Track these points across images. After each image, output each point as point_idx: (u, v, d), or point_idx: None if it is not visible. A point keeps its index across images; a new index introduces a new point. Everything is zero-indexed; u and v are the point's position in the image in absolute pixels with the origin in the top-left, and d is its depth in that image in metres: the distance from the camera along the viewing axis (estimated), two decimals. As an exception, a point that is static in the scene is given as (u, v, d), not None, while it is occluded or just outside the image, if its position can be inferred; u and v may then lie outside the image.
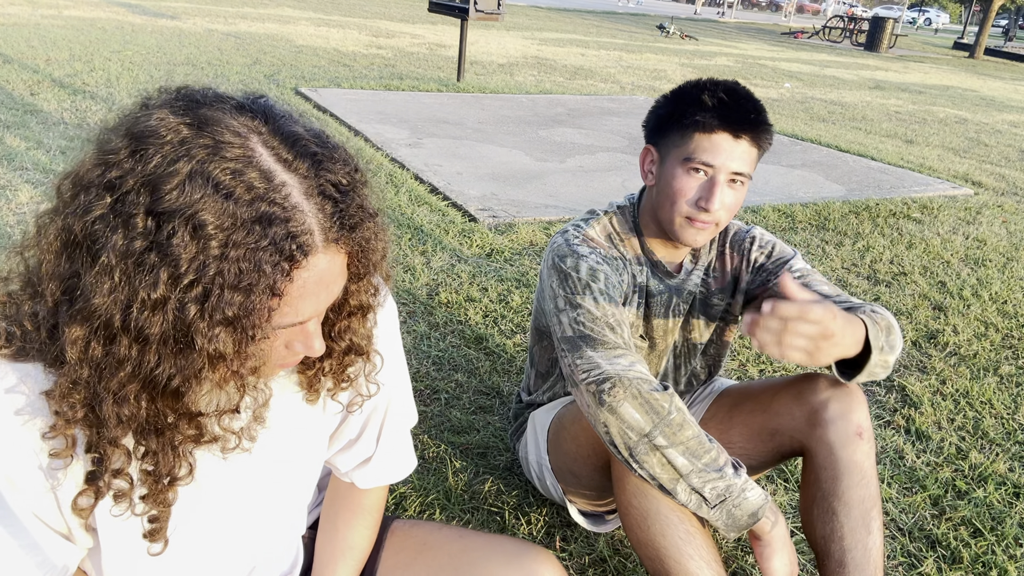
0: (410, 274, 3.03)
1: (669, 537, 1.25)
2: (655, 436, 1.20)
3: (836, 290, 1.50)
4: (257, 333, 0.68)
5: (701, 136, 1.37)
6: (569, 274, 1.39)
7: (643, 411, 1.21)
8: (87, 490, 0.76)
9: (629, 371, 1.25)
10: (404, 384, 1.07)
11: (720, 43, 18.52)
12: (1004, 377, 2.68)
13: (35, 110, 4.97)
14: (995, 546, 1.82)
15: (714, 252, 1.60)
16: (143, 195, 0.63)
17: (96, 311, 0.64)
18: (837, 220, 4.34)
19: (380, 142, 5.10)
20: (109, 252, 0.63)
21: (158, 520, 0.80)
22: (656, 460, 1.20)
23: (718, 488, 1.20)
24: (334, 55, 9.10)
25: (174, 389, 0.68)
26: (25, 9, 10.49)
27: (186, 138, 0.65)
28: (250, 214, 0.64)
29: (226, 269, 0.63)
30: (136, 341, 0.65)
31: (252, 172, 0.65)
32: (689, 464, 1.20)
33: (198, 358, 0.66)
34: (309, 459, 0.98)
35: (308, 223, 0.68)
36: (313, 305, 0.72)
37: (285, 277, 0.67)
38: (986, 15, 24.42)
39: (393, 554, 1.13)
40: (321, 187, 0.69)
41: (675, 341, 1.63)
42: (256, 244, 0.64)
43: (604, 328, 1.32)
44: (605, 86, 9.20)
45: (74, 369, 0.67)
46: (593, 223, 1.52)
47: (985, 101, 11.92)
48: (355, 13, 15.54)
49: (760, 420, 1.50)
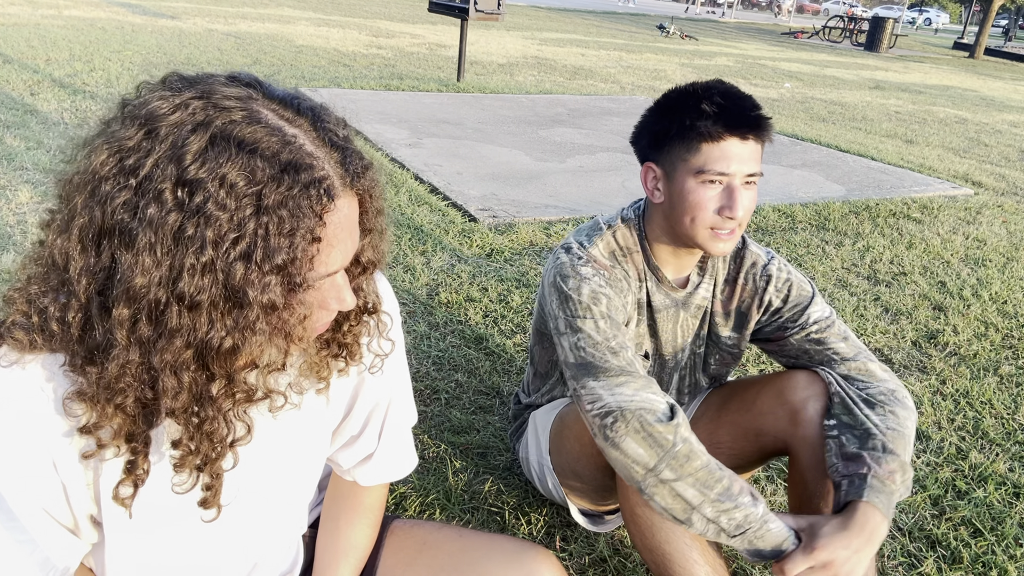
0: (410, 274, 3.03)
1: (674, 543, 1.24)
2: (661, 470, 1.17)
3: (854, 348, 1.44)
4: (304, 280, 0.71)
5: (709, 146, 1.32)
6: (570, 296, 1.35)
7: (646, 445, 1.17)
8: (125, 480, 0.77)
9: (632, 401, 1.21)
10: (405, 381, 1.08)
11: (720, 43, 18.52)
12: (1004, 377, 2.68)
13: (35, 110, 4.97)
14: (995, 546, 1.82)
15: (727, 273, 1.54)
16: (169, 169, 0.65)
17: (141, 290, 0.66)
18: (837, 220, 4.34)
19: (380, 142, 5.11)
20: (146, 230, 0.65)
21: (212, 488, 0.81)
22: (666, 492, 1.17)
23: (735, 519, 1.16)
24: (334, 55, 9.10)
25: (229, 348, 0.70)
26: (25, 9, 10.49)
27: (196, 108, 0.67)
28: (276, 166, 0.67)
29: (266, 221, 0.66)
30: (189, 309, 0.67)
31: (264, 129, 0.68)
32: (700, 495, 1.16)
33: (251, 312, 0.69)
34: (313, 454, 0.99)
35: (327, 169, 0.71)
36: (342, 254, 0.75)
37: (319, 221, 0.70)
38: (986, 15, 24.42)
39: (393, 553, 1.13)
40: (326, 138, 0.73)
41: (683, 358, 1.59)
42: (288, 192, 0.67)
43: (606, 353, 1.28)
44: (605, 86, 9.20)
45: (122, 353, 0.68)
46: (597, 240, 1.45)
47: (985, 101, 11.92)
48: (355, 13, 15.54)
49: (745, 420, 1.48)
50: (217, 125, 0.66)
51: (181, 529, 0.88)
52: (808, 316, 1.48)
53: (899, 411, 1.35)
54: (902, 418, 1.34)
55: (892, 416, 1.34)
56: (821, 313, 1.48)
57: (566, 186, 4.59)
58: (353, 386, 1.00)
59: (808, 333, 1.47)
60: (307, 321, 0.75)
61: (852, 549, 1.16)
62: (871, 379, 1.40)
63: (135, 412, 0.72)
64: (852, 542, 1.17)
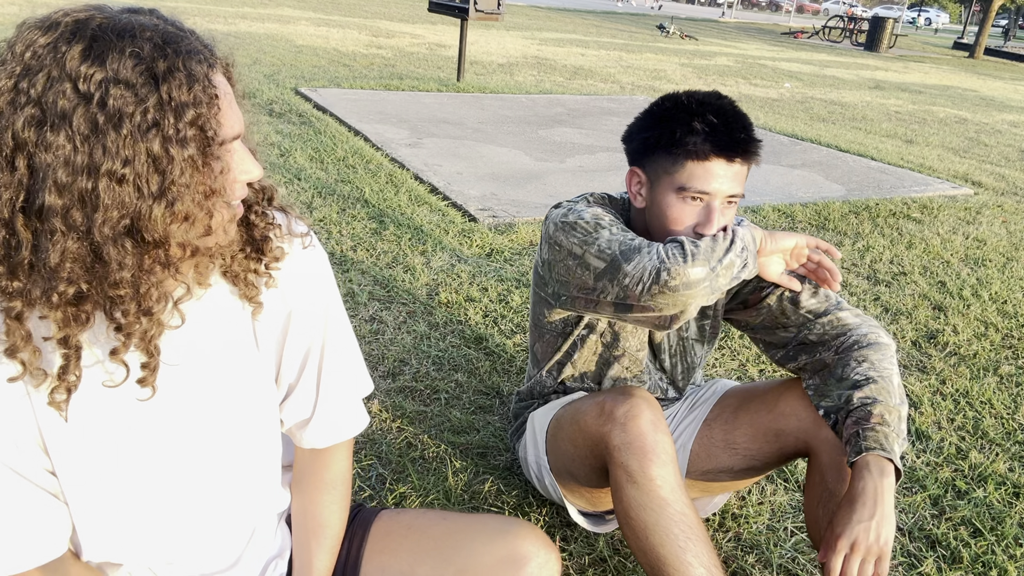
0: (410, 274, 3.03)
1: (668, 546, 1.25)
2: (716, 269, 1.27)
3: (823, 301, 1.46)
4: (215, 135, 0.78)
5: (694, 164, 1.33)
6: (575, 224, 1.37)
7: (699, 264, 1.25)
8: (58, 386, 0.81)
9: (664, 250, 1.27)
10: (344, 334, 1.07)
11: (720, 43, 18.52)
12: (1004, 377, 2.68)
13: (35, 110, 4.96)
14: (995, 546, 1.82)
15: None
16: (64, 73, 0.71)
17: (68, 180, 0.71)
18: (837, 220, 4.34)
19: (380, 142, 5.11)
20: (58, 130, 0.71)
21: (149, 365, 0.85)
22: (723, 278, 1.29)
23: (745, 250, 1.31)
24: (334, 55, 9.10)
25: (162, 209, 0.75)
26: (25, 9, 10.49)
27: (65, 23, 0.73)
28: (156, 42, 0.74)
29: (166, 88, 0.73)
30: (119, 183, 0.73)
31: (131, 20, 0.76)
32: (734, 257, 1.29)
33: (174, 169, 0.74)
34: (255, 399, 0.99)
35: (194, 42, 0.79)
36: (236, 119, 0.82)
37: (209, 82, 0.77)
38: (986, 15, 24.42)
39: (379, 538, 1.14)
40: (176, 23, 0.80)
41: (673, 343, 1.61)
42: (176, 59, 0.75)
43: (625, 239, 1.32)
44: (605, 86, 9.20)
45: (60, 240, 0.73)
46: (585, 199, 1.50)
47: (985, 101, 11.92)
48: (355, 13, 15.54)
49: (766, 421, 1.50)
50: (92, 27, 0.73)
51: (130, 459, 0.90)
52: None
53: (872, 356, 1.38)
54: (876, 361, 1.37)
55: (867, 365, 1.37)
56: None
57: (566, 186, 4.59)
58: (281, 325, 1.00)
59: (783, 291, 1.48)
60: (225, 178, 0.81)
61: (866, 519, 1.22)
62: (843, 329, 1.42)
63: (68, 311, 0.77)
64: (863, 514, 1.23)
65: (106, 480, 0.89)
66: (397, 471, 1.88)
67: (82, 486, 0.88)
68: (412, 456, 1.95)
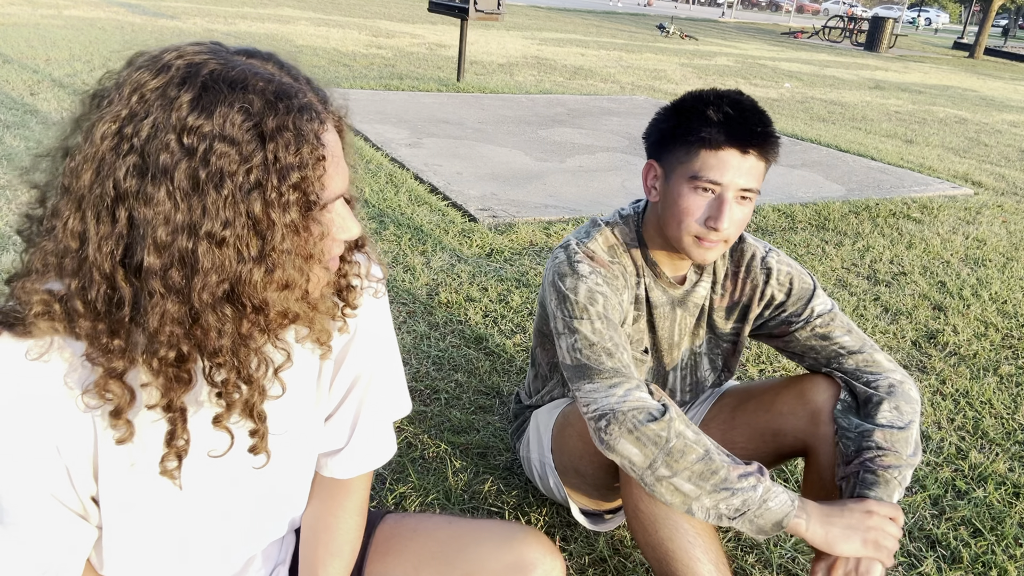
0: (410, 274, 3.03)
1: (677, 541, 1.25)
2: (657, 468, 1.19)
3: (859, 340, 1.46)
4: (318, 199, 0.74)
5: (707, 153, 1.32)
6: (567, 296, 1.36)
7: (640, 445, 1.20)
8: (168, 453, 0.79)
9: (624, 403, 1.23)
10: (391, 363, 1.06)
11: (720, 43, 18.52)
12: (1004, 377, 2.68)
13: (35, 110, 4.97)
14: (995, 546, 1.82)
15: (726, 269, 1.54)
16: (169, 123, 0.68)
17: (167, 239, 0.68)
18: (837, 220, 4.34)
19: (380, 142, 5.11)
20: (160, 184, 0.67)
21: (258, 431, 0.83)
22: (664, 488, 1.20)
23: (733, 504, 1.18)
24: (334, 55, 9.10)
25: (261, 275, 0.72)
26: (25, 9, 10.49)
27: (178, 67, 0.70)
28: (267, 96, 0.71)
29: (273, 147, 0.70)
30: (218, 246, 0.69)
31: (245, 70, 0.72)
32: (697, 488, 1.18)
33: (275, 234, 0.71)
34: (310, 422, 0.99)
35: (308, 95, 0.75)
36: (341, 176, 0.78)
37: (319, 141, 0.73)
38: (986, 15, 24.42)
39: (384, 541, 1.13)
40: (292, 73, 0.77)
41: (682, 355, 1.59)
42: (286, 116, 0.71)
43: (601, 355, 1.30)
44: (605, 86, 9.20)
45: (159, 303, 0.70)
46: (596, 235, 1.46)
47: (985, 101, 11.92)
48: (355, 13, 15.54)
49: (763, 420, 1.50)
50: (203, 75, 0.69)
51: (186, 503, 0.89)
52: (812, 309, 1.48)
53: (903, 406, 1.37)
54: (905, 413, 1.37)
55: (895, 412, 1.37)
56: (824, 306, 1.49)
57: (566, 186, 4.59)
58: (337, 364, 1.00)
59: (813, 327, 1.47)
60: (324, 242, 0.78)
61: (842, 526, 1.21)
62: (878, 370, 1.42)
63: (172, 374, 0.74)
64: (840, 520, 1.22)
65: (149, 510, 0.88)
66: (397, 471, 1.88)
67: (124, 513, 0.87)
68: (412, 456, 1.95)
